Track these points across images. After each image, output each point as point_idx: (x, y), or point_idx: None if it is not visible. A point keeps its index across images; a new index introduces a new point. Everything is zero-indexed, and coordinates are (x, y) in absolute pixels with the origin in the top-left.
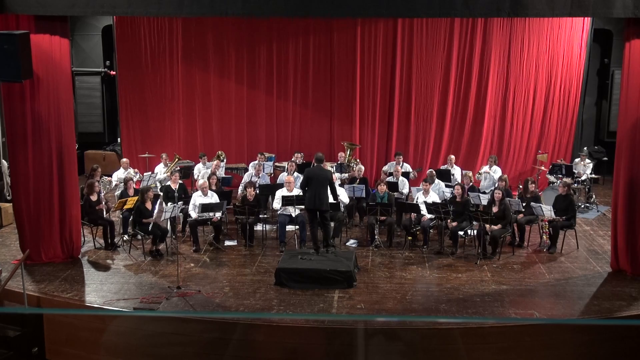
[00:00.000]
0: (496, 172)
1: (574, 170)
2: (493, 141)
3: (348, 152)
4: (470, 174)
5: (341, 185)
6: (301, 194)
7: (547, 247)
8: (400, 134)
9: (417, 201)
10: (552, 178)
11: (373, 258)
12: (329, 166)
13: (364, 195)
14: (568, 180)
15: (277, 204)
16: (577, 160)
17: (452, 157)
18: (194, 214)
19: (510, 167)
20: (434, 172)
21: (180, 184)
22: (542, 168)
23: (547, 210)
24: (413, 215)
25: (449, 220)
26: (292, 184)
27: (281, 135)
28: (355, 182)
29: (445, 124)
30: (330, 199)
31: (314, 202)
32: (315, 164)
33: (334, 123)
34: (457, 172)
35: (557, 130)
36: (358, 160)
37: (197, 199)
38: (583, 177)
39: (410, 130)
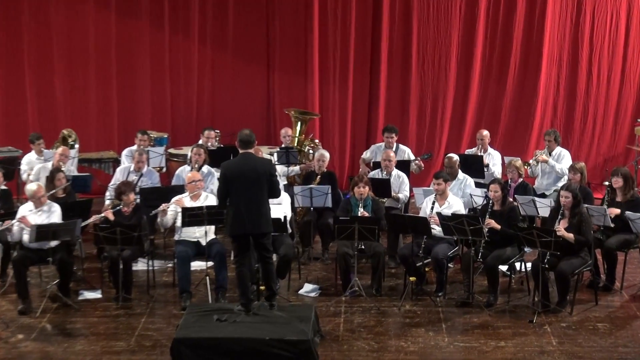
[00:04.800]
0: (563, 158)
1: None
2: (557, 105)
3: (299, 128)
4: (519, 162)
5: (289, 186)
6: (218, 204)
7: None
8: (392, 94)
9: (425, 212)
10: None
11: (348, 316)
12: (265, 153)
13: (329, 203)
14: None
15: (171, 216)
16: None
17: (486, 133)
18: (25, 238)
19: (589, 149)
20: (455, 158)
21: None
22: None
23: None
24: (418, 237)
25: (486, 219)
26: (199, 186)
27: (178, 99)
28: (314, 180)
29: (472, 75)
30: (274, 211)
31: (244, 222)
32: (239, 152)
33: (274, 76)
34: (494, 159)
35: None
36: (318, 141)
37: (28, 216)
38: None
39: (411, 87)
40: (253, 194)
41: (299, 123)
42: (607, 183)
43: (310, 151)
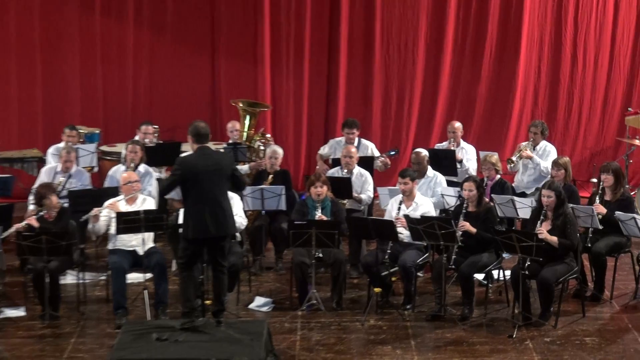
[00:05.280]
0: (548, 154)
1: None
2: (538, 93)
3: (247, 122)
4: (496, 157)
5: None
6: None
7: None
8: (353, 82)
9: (391, 215)
10: None
11: (305, 333)
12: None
13: (283, 206)
14: None
15: (104, 222)
16: None
17: (458, 125)
18: None
19: (574, 142)
20: (423, 153)
21: None
22: (637, 142)
23: None
24: (383, 243)
25: (460, 221)
26: (135, 188)
27: (111, 91)
28: (265, 180)
29: (443, 60)
30: (236, 213)
31: (207, 225)
32: (195, 147)
33: (220, 64)
34: (468, 154)
35: None
36: (269, 136)
37: None
38: None
39: (374, 74)
40: (218, 193)
41: (248, 116)
42: (594, 180)
43: (262, 147)
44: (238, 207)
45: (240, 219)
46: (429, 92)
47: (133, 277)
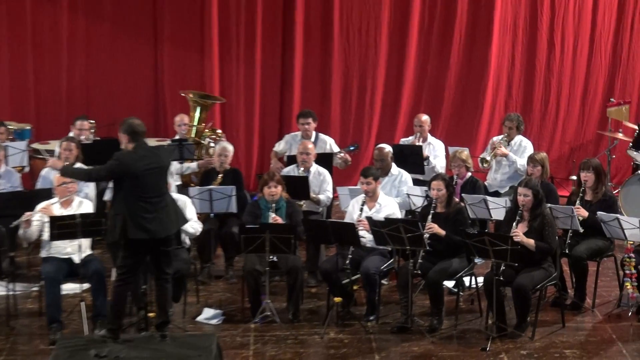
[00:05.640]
0: (524, 150)
1: None
2: (512, 83)
3: (198, 115)
4: (466, 153)
5: (184, 187)
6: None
7: (635, 307)
8: (309, 72)
9: (352, 217)
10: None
11: (259, 347)
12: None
13: (233, 208)
14: None
15: (36, 227)
16: None
17: (425, 118)
18: None
19: (552, 136)
20: (387, 149)
21: None
22: (620, 136)
23: (632, 229)
24: (343, 248)
25: (427, 224)
26: (71, 189)
27: (43, 82)
28: (214, 180)
29: (408, 47)
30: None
31: (149, 225)
32: (130, 146)
33: (163, 52)
34: (436, 150)
35: None
36: (220, 131)
37: None
38: None
39: (332, 63)
40: (164, 191)
41: (199, 109)
42: (574, 177)
43: (212, 144)
44: (191, 212)
45: (196, 225)
46: (392, 81)
47: (68, 288)
